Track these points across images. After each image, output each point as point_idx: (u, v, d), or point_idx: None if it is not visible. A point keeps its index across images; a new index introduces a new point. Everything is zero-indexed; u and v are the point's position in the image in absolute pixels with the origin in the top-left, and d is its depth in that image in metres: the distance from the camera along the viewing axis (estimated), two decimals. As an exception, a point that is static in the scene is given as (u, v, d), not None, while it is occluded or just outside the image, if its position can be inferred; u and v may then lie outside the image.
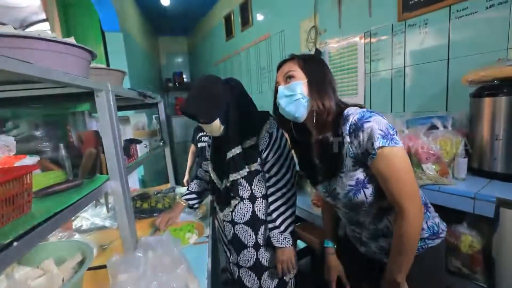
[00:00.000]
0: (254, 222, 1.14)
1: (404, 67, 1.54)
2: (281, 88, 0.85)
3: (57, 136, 0.99)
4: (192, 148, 2.78)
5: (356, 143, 0.73)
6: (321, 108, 0.78)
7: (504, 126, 1.01)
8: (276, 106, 0.91)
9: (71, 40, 0.82)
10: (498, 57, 1.12)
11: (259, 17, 2.92)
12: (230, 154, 1.11)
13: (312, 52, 2.04)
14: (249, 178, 1.11)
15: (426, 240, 0.82)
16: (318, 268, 1.45)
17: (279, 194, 1.09)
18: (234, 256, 1.23)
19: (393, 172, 0.71)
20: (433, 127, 1.18)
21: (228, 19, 3.56)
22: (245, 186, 1.12)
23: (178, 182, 3.34)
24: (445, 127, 1.17)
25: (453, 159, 1.10)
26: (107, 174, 0.93)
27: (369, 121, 0.72)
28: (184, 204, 1.38)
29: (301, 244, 2.06)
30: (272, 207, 1.10)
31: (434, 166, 1.05)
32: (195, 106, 1.04)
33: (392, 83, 1.61)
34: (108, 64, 2.77)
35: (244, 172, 1.10)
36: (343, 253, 1.04)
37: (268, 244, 1.13)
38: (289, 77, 0.84)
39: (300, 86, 0.81)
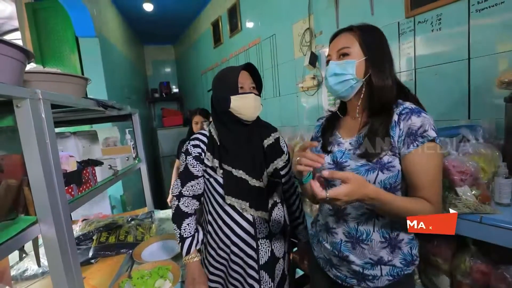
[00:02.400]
0: (284, 229, 1.07)
1: (415, 70, 1.34)
2: (332, 64, 0.79)
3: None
4: (177, 163, 2.52)
5: (403, 126, 0.71)
6: (380, 88, 0.74)
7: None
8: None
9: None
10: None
11: (248, 21, 2.73)
12: (267, 142, 1.04)
13: (307, 56, 1.84)
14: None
15: (401, 267, 0.76)
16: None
17: (296, 192, 1.16)
18: (268, 285, 0.99)
19: (432, 168, 0.70)
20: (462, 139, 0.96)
21: (216, 25, 3.37)
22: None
23: (163, 203, 3.05)
24: (476, 139, 0.95)
25: (492, 180, 0.88)
26: (35, 214, 0.66)
27: (425, 115, 0.70)
28: (198, 259, 1.00)
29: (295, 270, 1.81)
30: (295, 206, 1.15)
31: (474, 192, 0.83)
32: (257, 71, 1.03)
33: (401, 88, 1.41)
34: (82, 73, 2.51)
35: (285, 158, 1.07)
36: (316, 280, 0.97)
37: (288, 250, 1.12)
38: (343, 54, 0.78)
39: (353, 65, 0.76)
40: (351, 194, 0.63)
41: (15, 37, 2.83)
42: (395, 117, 0.72)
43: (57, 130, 1.64)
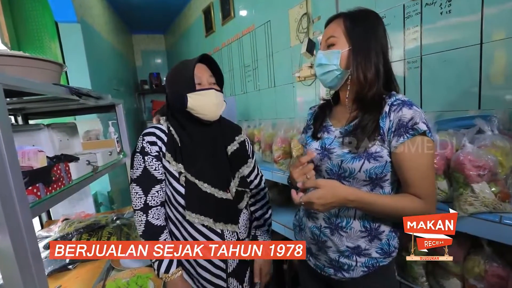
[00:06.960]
0: (250, 232, 1.05)
1: (421, 56, 1.25)
2: (319, 54, 0.78)
3: None
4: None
5: (394, 117, 0.69)
6: (362, 82, 0.72)
7: None
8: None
9: None
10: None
11: (242, 8, 2.59)
12: (231, 148, 0.95)
13: (305, 44, 1.73)
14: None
15: (377, 258, 0.76)
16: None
17: (262, 194, 1.08)
18: None
19: (422, 163, 0.67)
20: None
21: (207, 13, 3.21)
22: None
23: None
24: (491, 130, 0.87)
25: (509, 175, 0.80)
26: (-15, 222, 0.55)
27: (417, 108, 0.69)
28: (181, 273, 0.89)
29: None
30: (265, 209, 1.08)
31: (494, 188, 0.74)
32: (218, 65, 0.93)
33: (405, 77, 1.32)
34: (64, 61, 2.34)
35: (251, 164, 1.02)
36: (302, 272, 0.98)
37: None
38: (330, 44, 0.76)
39: (338, 56, 0.74)
40: (323, 197, 0.66)
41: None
42: (386, 108, 0.71)
43: (32, 122, 1.50)
